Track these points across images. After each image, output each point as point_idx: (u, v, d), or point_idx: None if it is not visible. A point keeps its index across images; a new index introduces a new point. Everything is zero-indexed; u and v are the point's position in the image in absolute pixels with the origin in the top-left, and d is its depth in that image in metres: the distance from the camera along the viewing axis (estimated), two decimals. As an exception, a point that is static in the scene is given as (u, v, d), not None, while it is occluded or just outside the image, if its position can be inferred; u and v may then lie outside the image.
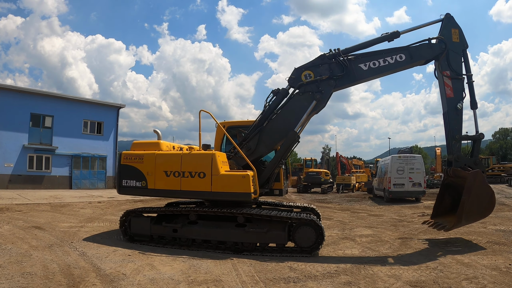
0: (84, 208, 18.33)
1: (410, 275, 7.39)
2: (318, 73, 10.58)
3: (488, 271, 7.54)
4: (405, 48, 10.64)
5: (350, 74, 10.60)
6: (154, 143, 10.66)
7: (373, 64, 10.58)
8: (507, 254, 8.95)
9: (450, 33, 10.59)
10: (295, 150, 11.27)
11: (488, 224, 13.74)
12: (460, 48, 10.62)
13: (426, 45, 10.66)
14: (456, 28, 10.65)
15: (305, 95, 10.60)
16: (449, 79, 10.55)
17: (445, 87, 10.61)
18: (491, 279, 7.01)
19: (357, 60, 10.68)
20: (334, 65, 10.59)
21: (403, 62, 10.60)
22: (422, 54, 10.69)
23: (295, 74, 10.72)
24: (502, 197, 25.12)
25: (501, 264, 8.06)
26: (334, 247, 10.20)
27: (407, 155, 26.11)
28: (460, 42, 10.60)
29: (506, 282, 6.78)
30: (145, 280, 6.80)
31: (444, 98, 10.68)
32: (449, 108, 10.58)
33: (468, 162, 10.37)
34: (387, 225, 14.31)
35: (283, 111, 10.77)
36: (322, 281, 6.97)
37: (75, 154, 34.81)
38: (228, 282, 6.84)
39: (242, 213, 9.39)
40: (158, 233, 10.08)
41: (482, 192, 9.78)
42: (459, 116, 10.59)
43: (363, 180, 42.40)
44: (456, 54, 10.58)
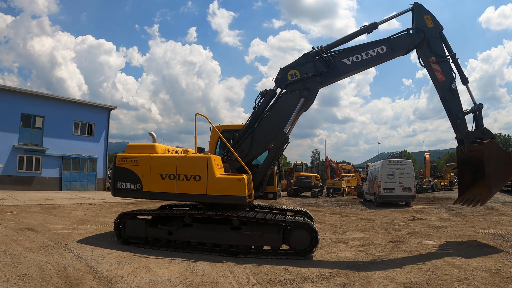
0: (76, 210, 18.27)
1: (404, 277, 7.53)
2: (304, 71, 10.80)
3: (479, 272, 7.71)
4: (386, 40, 10.98)
5: (334, 70, 10.86)
6: (149, 145, 10.67)
7: (356, 58, 10.88)
8: (497, 257, 9.14)
9: (423, 20, 10.96)
10: (284, 154, 11.41)
11: (478, 228, 14.05)
12: (437, 32, 10.99)
13: (406, 36, 11.00)
14: (428, 14, 11.04)
15: (293, 94, 10.80)
16: (436, 64, 10.93)
17: (435, 73, 10.95)
18: (482, 280, 7.18)
19: (340, 56, 10.95)
20: (318, 62, 10.84)
21: (384, 53, 10.92)
22: (403, 45, 11.04)
23: (281, 74, 10.92)
24: (491, 202, 25.25)
25: (491, 266, 8.23)
26: (327, 250, 10.32)
27: (397, 160, 26.41)
28: (435, 26, 10.97)
29: (496, 283, 6.96)
30: (143, 282, 6.84)
31: (438, 83, 11.02)
32: (445, 91, 10.92)
33: (476, 134, 10.69)
34: (378, 228, 14.47)
35: (273, 111, 10.92)
36: (318, 283, 7.07)
37: (66, 155, 34.63)
38: (225, 284, 6.91)
39: (237, 216, 9.46)
40: (153, 236, 10.09)
41: (501, 158, 10.32)
42: (456, 95, 10.94)
43: (352, 185, 42.64)
44: (435, 38, 10.94)
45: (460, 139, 11.05)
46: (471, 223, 15.65)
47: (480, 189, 10.56)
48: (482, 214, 18.94)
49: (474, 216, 18.21)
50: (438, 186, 45.87)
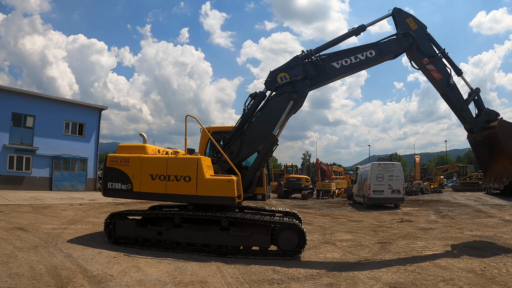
0: (66, 210, 18.29)
1: (389, 277, 7.67)
2: (293, 74, 10.95)
3: (464, 273, 7.85)
4: (375, 45, 11.15)
5: (323, 73, 11.03)
6: (140, 146, 10.76)
7: (345, 62, 11.04)
8: (482, 258, 9.28)
9: (407, 24, 11.13)
10: (274, 155, 11.54)
11: (465, 230, 14.18)
12: (422, 32, 11.15)
13: (394, 40, 11.16)
14: (409, 16, 11.23)
15: (282, 96, 10.95)
16: (430, 64, 11.09)
17: (431, 73, 11.13)
18: (467, 280, 7.32)
19: (329, 59, 11.10)
20: (308, 65, 10.99)
21: (373, 57, 11.09)
22: (391, 49, 11.20)
23: (271, 77, 11.06)
24: (479, 204, 25.69)
25: (476, 267, 8.37)
26: (315, 251, 10.44)
27: (386, 163, 26.55)
28: (419, 26, 11.15)
29: (481, 284, 7.10)
30: (133, 281, 6.94)
31: (436, 82, 11.22)
32: (445, 87, 11.15)
33: (483, 119, 10.98)
34: (367, 230, 14.60)
35: (262, 113, 11.06)
36: (305, 283, 7.19)
37: (56, 155, 34.53)
38: (214, 283, 7.02)
39: (227, 217, 9.58)
40: (143, 236, 10.18)
41: None
42: (456, 89, 11.19)
43: (343, 187, 42.78)
44: (422, 39, 11.11)
45: (469, 128, 11.30)
46: (458, 225, 15.77)
47: (503, 164, 10.80)
48: (470, 216, 19.13)
49: (462, 218, 18.35)
50: (428, 189, 46.10)
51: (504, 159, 10.61)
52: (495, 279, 7.42)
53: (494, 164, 11.22)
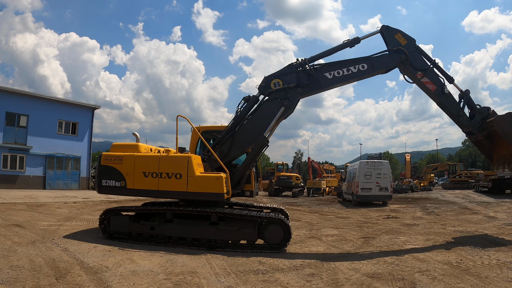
0: (61, 208, 18.60)
1: (369, 268, 8.11)
2: (286, 81, 11.30)
3: (440, 265, 8.29)
4: (367, 58, 11.45)
5: (316, 82, 11.37)
6: (133, 145, 11.13)
7: (338, 73, 11.37)
8: (460, 251, 9.71)
9: (396, 40, 11.45)
10: (267, 154, 11.96)
11: (448, 225, 14.63)
12: (412, 46, 11.50)
13: (386, 56, 11.47)
14: (397, 32, 11.54)
15: (274, 102, 11.32)
16: (424, 76, 11.44)
17: (426, 85, 11.50)
18: (442, 271, 7.75)
19: (322, 69, 11.45)
20: (301, 73, 11.35)
21: (365, 71, 11.41)
22: (383, 64, 11.52)
23: (265, 82, 11.43)
24: (466, 202, 26.08)
25: (453, 259, 8.80)
26: (301, 245, 10.93)
27: (374, 161, 27.02)
28: (409, 41, 11.49)
29: (455, 274, 7.53)
30: (127, 272, 7.37)
31: (431, 93, 11.60)
32: (440, 97, 11.54)
33: (478, 119, 11.45)
34: (353, 226, 15.04)
35: (254, 117, 11.45)
36: (288, 273, 7.65)
37: (49, 154, 34.72)
38: (203, 273, 7.48)
39: (216, 212, 10.05)
40: (136, 231, 10.57)
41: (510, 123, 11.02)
42: (451, 97, 11.60)
43: (333, 185, 43.00)
44: (413, 53, 11.43)
45: (468, 131, 11.76)
46: (442, 221, 16.23)
47: (505, 148, 11.35)
48: (455, 213, 19.60)
49: (447, 215, 18.82)
50: (418, 187, 46.52)
51: (505, 143, 11.14)
52: (469, 270, 7.82)
53: (497, 149, 11.74)
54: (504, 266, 8.12)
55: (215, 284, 6.83)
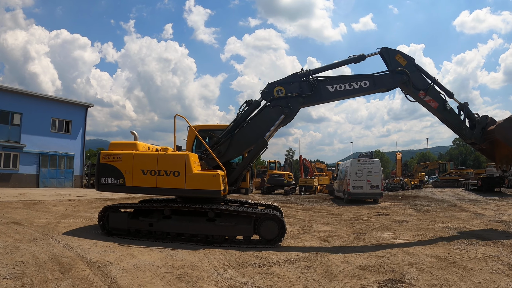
0: (56, 206, 18.77)
1: (360, 261, 8.47)
2: (289, 90, 11.57)
3: (429, 258, 8.65)
4: (370, 76, 11.72)
5: (317, 94, 11.61)
6: (132, 143, 11.34)
7: (340, 87, 11.62)
8: (448, 246, 10.07)
9: (396, 61, 11.71)
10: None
11: (437, 222, 15.02)
12: (412, 65, 11.77)
13: (389, 76, 11.72)
14: (397, 53, 11.79)
15: (275, 109, 11.58)
16: (425, 94, 11.74)
17: (428, 103, 11.80)
18: (430, 264, 8.11)
19: (325, 82, 11.69)
20: (304, 84, 11.59)
21: (366, 88, 11.66)
22: (385, 83, 11.79)
23: (268, 88, 11.69)
24: (455, 200, 26.46)
25: (441, 253, 9.17)
26: (295, 240, 11.28)
27: (366, 159, 27.35)
28: (408, 61, 11.76)
29: (442, 267, 7.89)
30: (129, 266, 7.65)
31: (434, 110, 11.93)
32: (443, 113, 11.92)
33: (478, 130, 11.93)
34: (344, 222, 15.38)
35: (254, 121, 11.73)
36: (284, 266, 8.00)
37: (43, 153, 34.75)
38: (202, 267, 7.81)
39: (213, 209, 10.36)
40: (135, 227, 10.82)
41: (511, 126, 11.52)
42: (452, 112, 12.00)
43: (325, 183, 43.32)
44: (413, 73, 11.69)
45: (471, 142, 12.26)
46: (432, 218, 16.60)
47: (506, 148, 11.74)
48: (445, 210, 19.99)
49: (436, 212, 19.21)
50: (408, 185, 46.95)
51: (505, 144, 11.61)
52: (456, 263, 8.19)
53: (498, 150, 12.05)
54: (489, 259, 8.48)
55: (215, 277, 7.14)
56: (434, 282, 6.85)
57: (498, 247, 9.87)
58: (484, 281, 6.88)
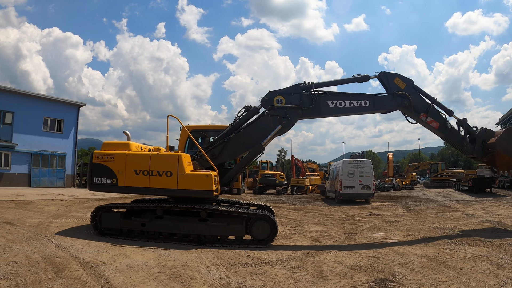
0: (49, 206, 18.70)
1: (351, 261, 8.58)
2: (289, 101, 11.63)
3: (419, 258, 8.77)
4: (371, 96, 11.83)
5: (317, 108, 11.69)
6: (124, 143, 11.35)
7: (340, 104, 11.71)
8: (438, 246, 10.21)
9: (395, 85, 11.79)
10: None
11: (428, 222, 15.15)
12: (411, 87, 11.88)
13: (390, 98, 11.82)
14: (395, 76, 11.88)
15: (273, 118, 11.65)
16: (426, 116, 11.86)
17: (430, 124, 11.95)
18: (420, 264, 8.23)
19: (326, 97, 11.78)
20: (304, 96, 11.66)
21: (366, 108, 11.77)
22: (385, 105, 11.93)
23: (268, 96, 11.74)
24: (446, 200, 26.68)
25: (431, 253, 9.29)
26: (286, 240, 11.37)
27: (357, 160, 27.50)
28: (407, 83, 11.87)
29: (432, 267, 8.01)
30: (122, 266, 7.70)
31: (435, 130, 12.10)
32: (444, 132, 12.08)
33: (480, 144, 12.11)
34: (336, 222, 15.48)
35: (251, 127, 11.79)
36: (275, 266, 8.09)
37: (35, 152, 34.64)
38: (195, 266, 7.88)
39: (205, 209, 10.42)
40: (128, 227, 10.85)
41: (510, 137, 11.96)
42: (453, 130, 12.19)
43: (316, 183, 43.40)
44: (413, 95, 11.79)
45: (473, 157, 12.50)
46: (423, 218, 16.75)
47: (504, 157, 12.05)
48: (435, 210, 20.18)
49: (427, 212, 19.39)
50: (400, 185, 47.22)
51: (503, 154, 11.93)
52: (445, 263, 8.31)
53: (498, 157, 12.25)
54: (478, 259, 8.61)
55: (207, 276, 7.21)
56: (423, 282, 6.95)
57: (487, 247, 10.01)
58: (473, 281, 6.99)
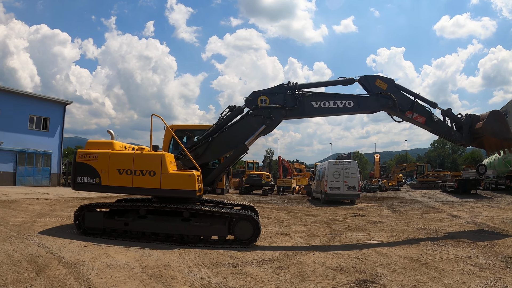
0: (33, 205, 18.60)
1: (333, 262, 8.61)
2: (273, 101, 11.65)
3: (401, 259, 8.82)
4: (355, 97, 11.85)
5: (301, 108, 11.72)
6: (108, 142, 11.33)
7: (324, 104, 11.75)
8: (421, 247, 10.27)
9: (377, 87, 11.88)
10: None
11: (412, 223, 15.23)
12: (393, 87, 11.96)
13: (374, 99, 11.87)
14: (376, 78, 11.99)
15: (257, 118, 11.67)
16: (412, 112, 11.95)
17: (416, 120, 12.03)
18: (402, 265, 8.28)
19: (310, 97, 11.81)
20: (289, 96, 11.68)
21: (350, 108, 11.81)
22: (369, 106, 11.98)
23: (252, 96, 11.75)
24: (431, 201, 26.78)
25: (413, 254, 9.35)
26: (270, 241, 11.41)
27: (343, 161, 27.56)
28: (388, 84, 11.95)
29: (414, 268, 8.06)
30: (103, 265, 7.69)
31: (422, 125, 12.20)
32: (431, 126, 12.19)
33: (467, 131, 12.22)
34: (320, 223, 15.51)
35: (234, 127, 11.80)
36: (257, 266, 8.12)
37: (20, 150, 34.44)
38: (176, 266, 7.88)
39: (188, 209, 10.43)
40: (111, 227, 10.82)
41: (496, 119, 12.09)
42: (440, 122, 12.31)
43: (303, 183, 43.44)
44: (396, 94, 11.88)
45: (462, 144, 12.70)
46: (407, 219, 16.82)
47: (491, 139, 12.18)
48: (420, 212, 20.27)
49: (412, 213, 19.45)
50: (386, 186, 47.43)
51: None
52: (427, 264, 8.37)
53: (486, 140, 12.35)
54: (461, 261, 8.67)
55: (188, 276, 7.22)
56: (405, 283, 7.00)
57: (470, 248, 10.08)
58: (454, 282, 7.04)
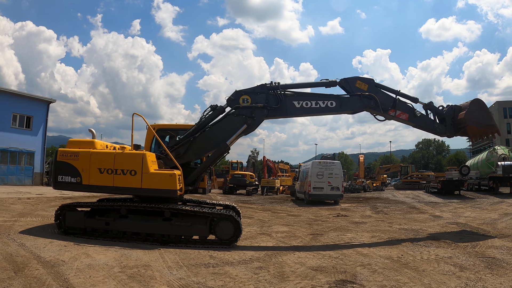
0: (15, 204, 18.44)
1: (314, 262, 8.66)
2: (255, 100, 11.67)
3: (382, 259, 8.90)
4: (337, 97, 11.94)
5: (283, 108, 11.77)
6: (89, 141, 11.26)
7: (306, 104, 11.81)
8: (402, 248, 10.36)
9: (358, 88, 11.96)
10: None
11: (394, 224, 15.33)
12: (373, 87, 12.08)
13: (356, 99, 11.93)
14: (356, 80, 12.06)
15: (238, 117, 11.68)
16: (395, 110, 12.07)
17: (400, 118, 12.16)
18: (382, 265, 8.35)
19: (292, 97, 11.86)
20: (271, 96, 11.72)
21: (332, 108, 11.88)
22: (351, 106, 12.06)
23: (234, 96, 11.75)
24: (415, 202, 27.02)
25: (394, 254, 9.44)
26: (251, 241, 11.44)
27: (327, 161, 27.66)
28: (369, 84, 12.07)
29: (394, 268, 8.14)
30: (83, 265, 7.67)
31: (406, 121, 12.32)
32: (415, 121, 12.32)
33: (451, 122, 12.43)
34: (303, 223, 15.56)
35: (216, 127, 11.81)
36: (237, 266, 8.14)
37: (3, 149, 34.11)
38: (156, 266, 7.87)
39: (169, 208, 10.40)
40: (92, 226, 10.75)
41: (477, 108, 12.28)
42: (423, 117, 12.45)
43: (287, 184, 43.56)
44: (377, 93, 12.00)
45: (446, 135, 12.71)
46: (390, 220, 16.93)
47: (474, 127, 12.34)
48: (403, 212, 20.41)
49: (395, 214, 19.58)
50: (370, 187, 47.75)
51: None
52: (408, 265, 8.45)
53: (469, 128, 12.38)
54: (441, 261, 8.76)
55: (167, 276, 7.23)
56: (384, 283, 7.06)
57: (451, 248, 10.19)
58: (434, 282, 7.11)
